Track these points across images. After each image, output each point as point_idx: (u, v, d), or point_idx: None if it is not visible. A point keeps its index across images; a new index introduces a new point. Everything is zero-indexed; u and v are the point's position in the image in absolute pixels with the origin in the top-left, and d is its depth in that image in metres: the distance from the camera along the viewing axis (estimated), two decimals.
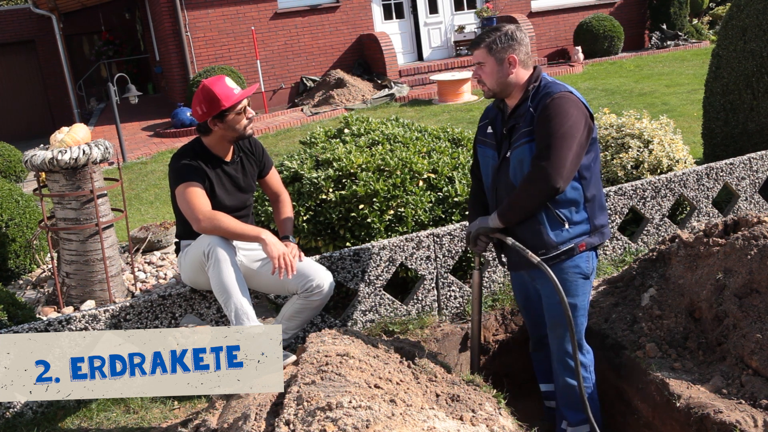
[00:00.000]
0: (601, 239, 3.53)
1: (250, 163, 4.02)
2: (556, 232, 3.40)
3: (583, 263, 3.48)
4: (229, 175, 3.89)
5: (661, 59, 16.46)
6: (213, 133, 3.81)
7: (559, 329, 3.53)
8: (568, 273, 3.47)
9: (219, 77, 3.78)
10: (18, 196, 6.74)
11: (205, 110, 3.73)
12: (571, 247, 3.42)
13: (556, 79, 3.53)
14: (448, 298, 4.58)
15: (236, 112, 3.75)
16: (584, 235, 3.45)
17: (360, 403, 2.63)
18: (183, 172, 3.73)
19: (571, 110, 3.30)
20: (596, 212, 3.48)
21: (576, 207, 3.42)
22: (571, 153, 3.27)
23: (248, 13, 15.60)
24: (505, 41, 3.43)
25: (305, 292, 3.80)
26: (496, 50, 3.44)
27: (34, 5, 17.04)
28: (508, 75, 3.45)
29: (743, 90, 6.38)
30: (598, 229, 3.50)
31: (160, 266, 6.69)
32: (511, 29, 3.47)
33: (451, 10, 17.61)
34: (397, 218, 4.68)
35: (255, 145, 4.06)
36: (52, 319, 3.91)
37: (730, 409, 3.24)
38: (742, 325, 3.55)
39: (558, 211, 3.39)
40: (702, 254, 4.01)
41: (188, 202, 3.67)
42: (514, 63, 3.44)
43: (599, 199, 3.52)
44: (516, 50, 3.44)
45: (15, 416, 3.87)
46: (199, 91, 3.75)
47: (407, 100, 14.50)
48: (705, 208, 5.30)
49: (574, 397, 3.56)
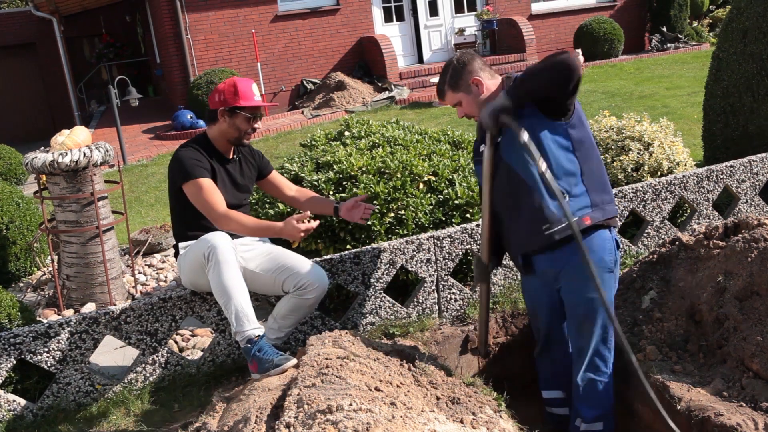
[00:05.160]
0: (604, 215, 3.43)
1: (248, 166, 4.13)
2: (557, 204, 3.35)
3: (606, 255, 3.43)
4: (229, 173, 4.00)
5: (662, 62, 16.46)
6: (218, 125, 3.93)
7: (588, 324, 3.46)
8: (598, 239, 3.41)
9: (249, 80, 3.97)
10: (18, 199, 6.74)
11: (222, 99, 3.88)
12: (576, 219, 3.35)
13: None
14: (449, 301, 4.58)
15: (246, 115, 3.87)
16: (586, 208, 3.38)
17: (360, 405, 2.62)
18: (193, 167, 3.80)
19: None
20: (596, 186, 3.42)
21: (574, 178, 3.38)
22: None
23: (249, 16, 15.61)
24: (460, 71, 3.54)
25: (299, 289, 3.82)
26: (459, 85, 3.55)
27: (35, 8, 17.04)
28: (481, 95, 3.53)
29: (743, 93, 6.38)
30: (600, 206, 3.43)
31: (161, 269, 6.69)
32: (454, 60, 3.58)
33: (451, 13, 17.62)
34: (398, 221, 4.67)
35: (253, 151, 4.21)
36: (53, 322, 3.91)
37: (730, 411, 3.24)
38: (743, 327, 3.55)
39: (557, 183, 3.33)
40: (702, 257, 4.01)
41: (205, 199, 3.77)
42: (480, 83, 3.53)
43: (598, 175, 3.47)
44: (473, 71, 3.54)
45: (15, 419, 3.86)
46: (225, 82, 3.91)
47: (407, 103, 14.50)
48: (705, 210, 5.29)
49: (594, 393, 3.53)
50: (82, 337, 3.93)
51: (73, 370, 3.95)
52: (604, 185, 3.49)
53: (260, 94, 3.95)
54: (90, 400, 4.00)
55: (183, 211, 3.91)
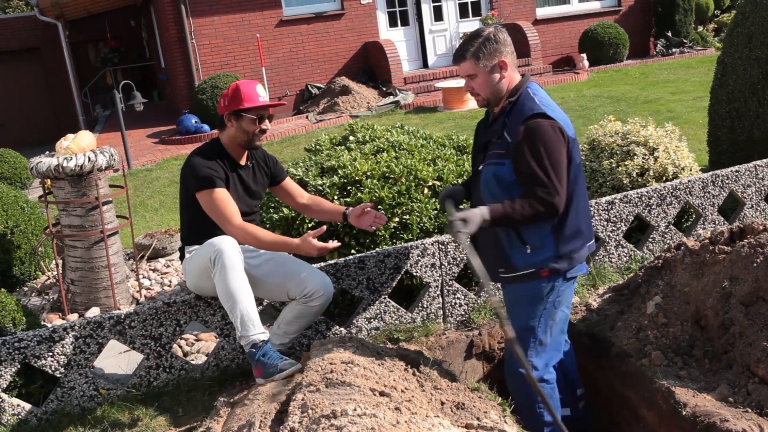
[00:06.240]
0: (570, 265, 3.34)
1: (261, 173, 4.08)
2: (518, 254, 3.30)
3: (543, 290, 3.35)
4: (242, 179, 3.95)
5: (667, 66, 16.43)
6: (227, 130, 3.90)
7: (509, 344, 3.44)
8: (524, 293, 3.39)
9: (253, 81, 3.94)
10: (23, 203, 6.75)
11: (226, 104, 3.85)
12: (533, 271, 3.31)
13: (542, 90, 3.39)
14: (453, 306, 4.57)
15: (252, 117, 3.82)
16: (547, 260, 3.30)
17: (365, 410, 2.62)
18: (208, 176, 3.76)
19: (550, 137, 3.18)
20: (566, 238, 3.30)
21: (541, 232, 3.28)
22: (563, 176, 3.19)
23: (253, 21, 15.62)
24: (492, 46, 3.26)
25: (304, 297, 3.81)
26: (483, 58, 3.27)
27: (41, 13, 17.09)
28: (501, 80, 3.30)
29: (749, 97, 6.37)
30: (567, 256, 3.32)
31: (165, 273, 6.69)
32: (492, 32, 3.28)
33: (456, 18, 17.61)
34: (402, 225, 4.67)
35: (268, 157, 4.15)
36: (57, 326, 3.91)
37: (736, 417, 3.22)
38: (749, 333, 3.53)
39: (522, 233, 3.27)
40: (708, 262, 3.99)
41: (220, 210, 3.73)
42: (505, 67, 3.29)
43: (573, 225, 3.33)
44: (503, 53, 3.28)
45: (19, 423, 3.86)
46: (230, 86, 3.89)
47: (412, 108, 14.49)
48: (710, 215, 5.28)
49: (529, 413, 3.49)
50: (86, 342, 3.93)
51: (78, 374, 3.95)
52: (576, 232, 3.36)
53: (266, 94, 3.90)
54: (94, 404, 4.00)
55: (193, 217, 3.89)
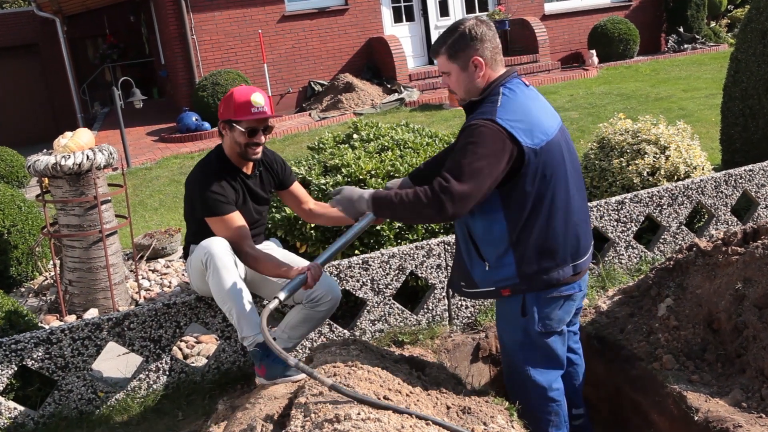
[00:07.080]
0: (544, 285, 3.07)
1: (269, 178, 3.95)
2: (477, 270, 3.13)
3: (515, 309, 3.14)
4: (249, 189, 3.81)
5: (678, 63, 16.32)
6: (225, 138, 3.73)
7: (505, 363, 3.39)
8: (500, 310, 3.28)
9: (253, 89, 3.68)
10: (20, 202, 6.72)
11: (221, 111, 3.69)
12: (493, 290, 3.13)
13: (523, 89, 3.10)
14: (459, 308, 4.52)
15: (241, 130, 3.63)
16: (507, 279, 3.07)
17: (369, 415, 2.60)
18: (215, 203, 3.61)
19: (487, 140, 2.89)
20: (529, 258, 3.02)
21: (498, 247, 3.04)
22: (476, 184, 2.87)
23: (255, 16, 15.58)
24: (466, 42, 3.03)
25: (311, 302, 3.72)
26: (457, 56, 3.05)
27: (38, 8, 17.05)
28: (476, 79, 3.06)
29: (763, 95, 6.31)
30: (533, 277, 3.05)
31: (165, 274, 6.66)
32: (469, 26, 3.04)
33: (462, 13, 17.55)
34: (407, 226, 4.63)
35: (275, 160, 3.98)
36: (55, 328, 3.87)
37: (750, 423, 3.18)
38: (762, 336, 3.48)
39: (480, 248, 3.09)
40: (720, 263, 3.96)
41: (230, 236, 3.60)
42: (480, 65, 3.04)
43: (540, 244, 3.04)
44: (479, 49, 3.03)
45: (16, 427, 3.83)
46: (228, 92, 3.70)
47: (417, 105, 14.45)
48: (723, 215, 5.24)
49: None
50: (84, 344, 3.89)
51: (75, 377, 3.92)
52: (548, 251, 3.06)
53: (264, 104, 3.64)
54: (92, 407, 3.97)
55: (198, 225, 3.78)
